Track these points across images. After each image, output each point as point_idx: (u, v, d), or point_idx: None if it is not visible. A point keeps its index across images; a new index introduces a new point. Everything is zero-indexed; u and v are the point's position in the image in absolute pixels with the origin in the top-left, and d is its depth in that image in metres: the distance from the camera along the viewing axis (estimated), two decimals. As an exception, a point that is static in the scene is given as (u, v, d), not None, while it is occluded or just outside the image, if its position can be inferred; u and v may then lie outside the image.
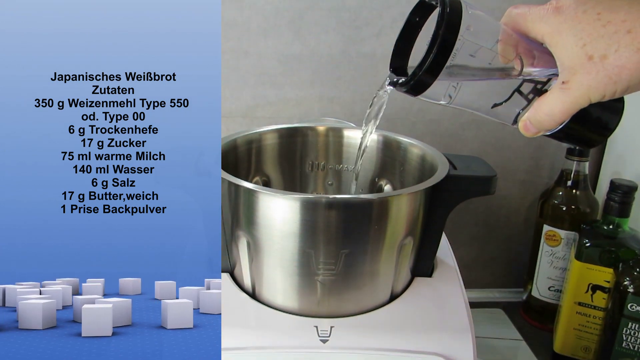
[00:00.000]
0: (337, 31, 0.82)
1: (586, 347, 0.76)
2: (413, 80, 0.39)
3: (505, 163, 0.91)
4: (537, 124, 0.41)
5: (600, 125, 0.45)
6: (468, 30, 0.38)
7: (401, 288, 0.55)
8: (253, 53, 0.82)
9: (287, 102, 0.85)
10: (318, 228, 0.48)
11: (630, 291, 0.65)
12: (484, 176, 0.53)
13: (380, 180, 0.64)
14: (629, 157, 0.84)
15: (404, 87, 0.40)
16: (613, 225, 0.73)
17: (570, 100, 0.38)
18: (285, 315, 0.52)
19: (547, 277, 0.85)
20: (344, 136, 0.65)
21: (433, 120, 0.87)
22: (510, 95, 0.42)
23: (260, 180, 0.64)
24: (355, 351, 0.49)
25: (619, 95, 0.38)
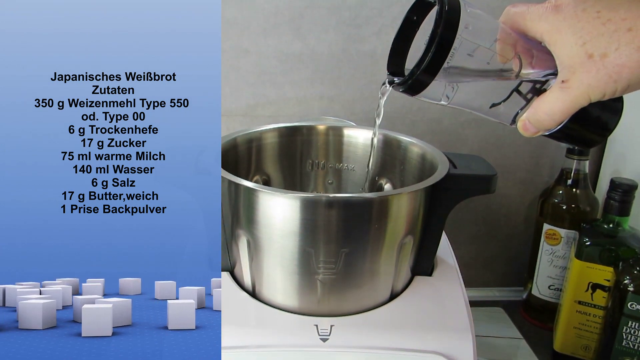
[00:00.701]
0: (337, 30, 0.82)
1: (586, 345, 0.76)
2: (411, 80, 0.39)
3: (506, 162, 0.91)
4: (537, 123, 0.41)
5: (600, 126, 0.45)
6: (467, 29, 0.38)
7: (401, 287, 0.55)
8: (253, 52, 0.82)
9: (287, 101, 0.85)
10: (318, 227, 0.48)
11: (630, 290, 0.65)
12: (484, 175, 0.53)
13: (381, 179, 0.64)
14: (629, 155, 0.84)
15: (402, 86, 0.40)
16: (613, 224, 0.73)
17: (570, 99, 0.38)
18: (286, 314, 0.52)
19: (547, 276, 0.85)
20: (344, 135, 0.65)
21: (433, 119, 0.87)
22: (509, 95, 0.42)
23: (261, 179, 0.64)
24: (355, 350, 0.50)
25: (619, 94, 0.37)
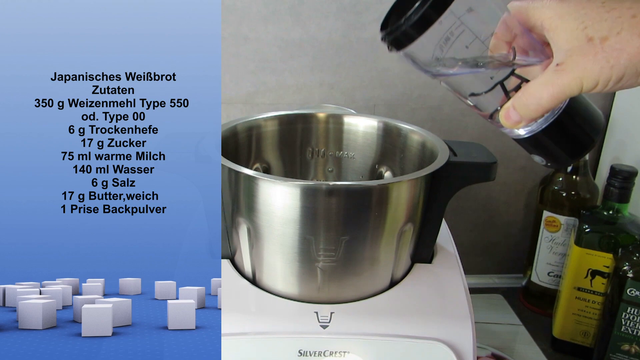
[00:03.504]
0: (337, 17, 0.82)
1: (585, 331, 0.77)
2: (404, 26, 0.37)
3: (506, 149, 0.91)
4: (522, 108, 0.39)
5: (575, 142, 0.43)
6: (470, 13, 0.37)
7: (401, 274, 0.55)
8: (253, 39, 0.82)
9: (287, 88, 0.85)
10: (318, 215, 0.48)
11: (629, 276, 0.65)
12: (485, 162, 0.53)
13: (381, 167, 0.64)
14: (629, 142, 0.84)
15: (393, 34, 0.38)
16: (613, 211, 0.73)
17: (562, 82, 0.36)
18: (286, 301, 0.52)
19: (546, 263, 0.85)
20: (344, 123, 0.65)
21: (433, 106, 0.87)
22: (493, 87, 0.41)
23: (261, 167, 0.64)
24: (355, 337, 0.50)
25: (612, 85, 0.36)
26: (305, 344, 0.49)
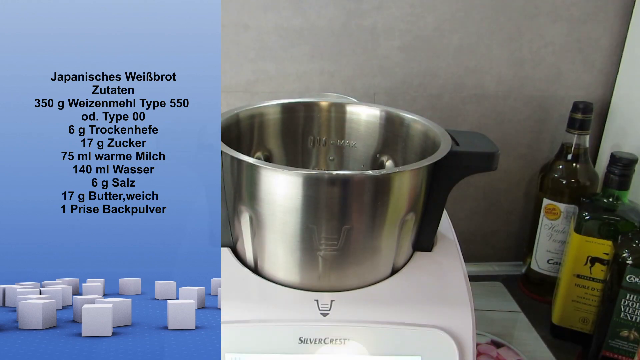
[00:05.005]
0: (337, 4, 0.81)
1: (584, 318, 0.77)
2: None
3: (506, 137, 0.91)
4: None
5: None
6: None
7: (402, 262, 0.55)
8: (253, 27, 0.81)
9: (287, 76, 0.85)
10: (320, 204, 0.48)
11: (629, 263, 0.65)
12: (487, 152, 0.53)
13: (382, 156, 0.64)
14: (630, 130, 0.84)
15: None
16: (613, 198, 0.73)
17: None
18: (287, 290, 0.52)
19: (546, 250, 0.86)
20: (346, 112, 0.65)
21: (434, 94, 0.87)
22: None
23: (262, 156, 0.64)
24: (355, 324, 0.50)
25: None
26: (306, 331, 0.50)
